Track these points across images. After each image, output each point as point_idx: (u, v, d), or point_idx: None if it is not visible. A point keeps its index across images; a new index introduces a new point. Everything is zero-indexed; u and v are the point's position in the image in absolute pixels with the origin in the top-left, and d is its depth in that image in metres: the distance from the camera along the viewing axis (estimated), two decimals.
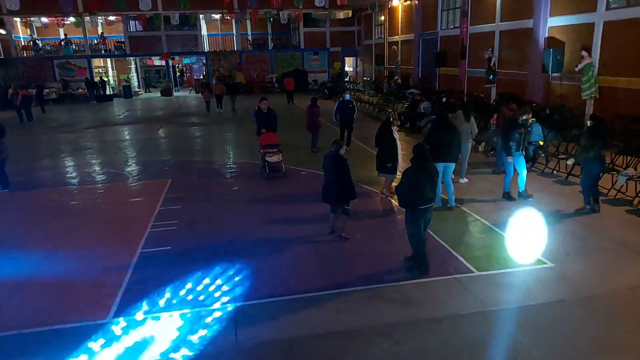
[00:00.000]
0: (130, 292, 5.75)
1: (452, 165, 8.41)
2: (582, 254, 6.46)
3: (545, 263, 6.21)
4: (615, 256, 6.39)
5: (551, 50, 14.44)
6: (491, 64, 18.34)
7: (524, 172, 8.56)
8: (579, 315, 5.06)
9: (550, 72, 14.61)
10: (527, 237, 7.03)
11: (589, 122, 8.07)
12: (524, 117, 8.54)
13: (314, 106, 13.11)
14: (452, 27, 22.43)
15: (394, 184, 8.39)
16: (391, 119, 9.80)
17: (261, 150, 10.75)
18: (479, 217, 7.94)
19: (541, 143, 10.48)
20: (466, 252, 6.60)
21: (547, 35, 15.33)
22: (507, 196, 8.74)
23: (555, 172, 10.33)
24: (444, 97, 16.87)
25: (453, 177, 8.75)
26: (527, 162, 8.81)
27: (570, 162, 9.05)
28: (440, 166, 8.32)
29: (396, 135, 9.02)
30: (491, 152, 12.42)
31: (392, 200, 8.93)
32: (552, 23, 15.17)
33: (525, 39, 16.45)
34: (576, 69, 13.71)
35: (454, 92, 19.73)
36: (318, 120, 13.12)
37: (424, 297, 5.49)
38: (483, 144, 12.92)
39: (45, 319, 5.22)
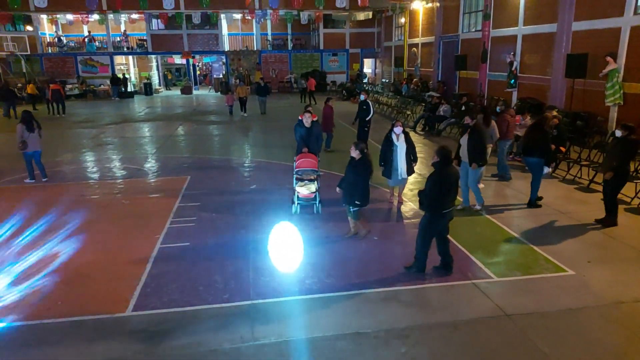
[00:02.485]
0: (148, 286, 5.82)
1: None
2: (604, 262, 6.35)
3: (566, 271, 6.12)
4: (637, 265, 6.26)
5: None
6: (513, 68, 18.15)
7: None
8: (600, 324, 4.97)
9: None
10: (547, 244, 6.93)
11: (618, 132, 7.59)
12: (553, 121, 8.43)
13: (325, 106, 13.10)
14: (473, 30, 22.25)
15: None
16: (394, 120, 8.73)
17: (295, 176, 8.45)
18: (498, 223, 7.85)
19: (563, 149, 10.35)
20: (484, 257, 6.54)
21: (571, 40, 15.13)
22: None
23: (577, 179, 10.17)
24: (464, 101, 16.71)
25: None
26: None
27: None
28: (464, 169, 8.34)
29: (397, 141, 8.27)
30: (510, 156, 12.29)
31: (410, 203, 8.89)
32: (577, 27, 14.95)
33: (548, 44, 16.24)
34: (600, 75, 13.48)
35: (473, 96, 19.56)
36: (329, 121, 13.03)
37: (442, 301, 5.45)
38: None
39: (66, 310, 5.32)
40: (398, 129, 8.35)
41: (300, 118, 9.39)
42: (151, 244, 7.09)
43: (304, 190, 8.06)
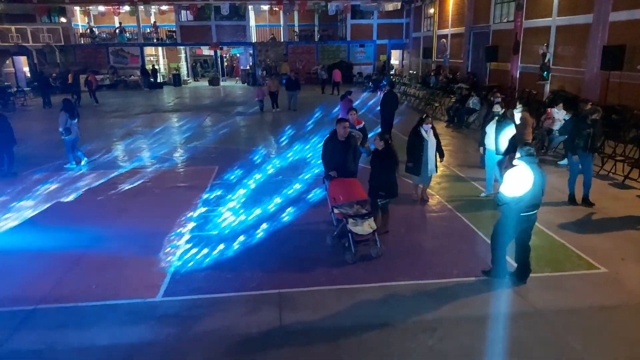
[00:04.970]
0: (178, 273, 5.94)
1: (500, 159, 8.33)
2: (638, 260, 6.18)
3: (599, 268, 5.97)
4: None
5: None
6: (545, 60, 17.69)
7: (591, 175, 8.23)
8: (634, 323, 4.85)
9: None
10: (579, 241, 6.77)
11: None
12: (594, 116, 8.14)
13: (343, 98, 13.04)
14: (505, 20, 21.75)
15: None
16: (424, 116, 8.40)
17: (335, 210, 6.48)
18: None
19: None
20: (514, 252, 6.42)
21: (607, 31, 14.64)
22: (572, 200, 8.34)
23: (611, 174, 9.89)
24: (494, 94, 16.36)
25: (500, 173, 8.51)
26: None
27: None
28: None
29: (427, 136, 8.06)
30: (542, 151, 12.04)
31: (437, 196, 8.81)
32: (614, 18, 14.44)
33: (583, 35, 15.74)
34: (638, 67, 13.01)
35: (504, 88, 19.15)
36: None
37: (471, 295, 5.39)
38: (534, 141, 12.50)
39: (100, 293, 5.49)
40: (427, 127, 8.10)
41: (330, 134, 7.22)
42: (181, 231, 7.23)
43: (361, 229, 6.14)
